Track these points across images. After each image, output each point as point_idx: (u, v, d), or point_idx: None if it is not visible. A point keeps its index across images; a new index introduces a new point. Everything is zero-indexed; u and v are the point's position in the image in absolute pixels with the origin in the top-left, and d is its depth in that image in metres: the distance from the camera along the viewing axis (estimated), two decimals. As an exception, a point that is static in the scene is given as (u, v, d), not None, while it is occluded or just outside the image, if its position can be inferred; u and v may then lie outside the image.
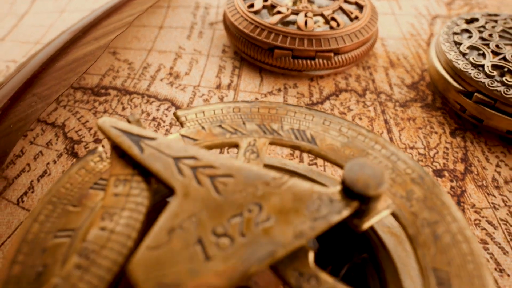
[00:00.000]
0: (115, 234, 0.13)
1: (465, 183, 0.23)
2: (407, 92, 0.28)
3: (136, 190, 0.15)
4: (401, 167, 0.16)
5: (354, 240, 0.17)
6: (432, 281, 0.13)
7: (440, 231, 0.14)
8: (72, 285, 0.12)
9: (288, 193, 0.14)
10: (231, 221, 0.13)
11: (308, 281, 0.13)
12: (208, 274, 0.12)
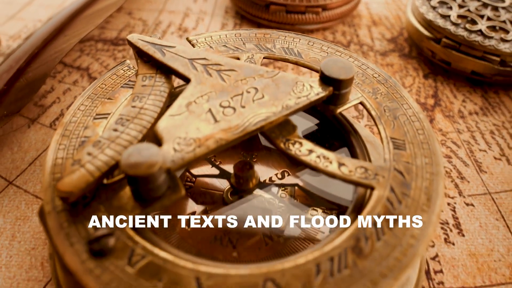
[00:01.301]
0: (143, 110, 0.17)
1: (434, 113, 0.27)
2: (387, 45, 0.33)
3: (159, 83, 0.19)
4: (370, 73, 0.20)
5: (330, 130, 0.21)
6: (391, 146, 0.17)
7: (398, 114, 0.18)
8: (112, 141, 0.16)
9: (279, 80, 0.18)
10: (234, 98, 0.17)
11: (293, 145, 0.17)
12: (216, 131, 0.16)
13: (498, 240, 0.22)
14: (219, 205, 0.20)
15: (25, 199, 0.22)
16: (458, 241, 0.22)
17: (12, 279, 0.20)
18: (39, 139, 0.25)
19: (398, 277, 0.14)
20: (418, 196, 0.16)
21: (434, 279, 0.20)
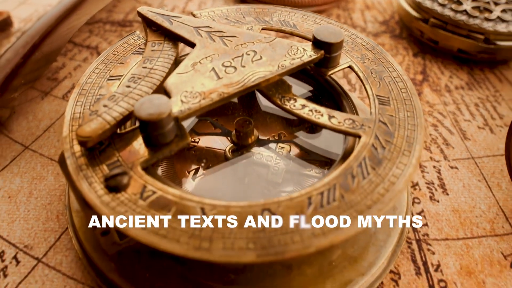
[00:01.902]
0: (153, 70, 0.19)
1: (422, 87, 0.29)
2: (379, 27, 0.35)
3: (167, 48, 0.20)
4: (359, 41, 0.22)
5: (323, 95, 0.23)
6: (376, 102, 0.19)
7: (384, 76, 0.20)
8: (125, 95, 0.18)
9: (275, 44, 0.20)
10: (235, 59, 0.19)
11: (289, 101, 0.19)
12: (219, 86, 0.18)
13: (480, 198, 0.24)
14: (221, 162, 0.22)
15: (41, 162, 0.24)
16: (442, 199, 0.23)
17: (30, 230, 0.21)
18: (53, 109, 0.27)
19: (381, 208, 0.16)
20: (400, 143, 0.18)
21: (419, 231, 0.22)
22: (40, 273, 0.20)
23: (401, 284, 0.20)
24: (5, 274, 0.20)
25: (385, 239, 0.20)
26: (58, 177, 0.24)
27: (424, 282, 0.21)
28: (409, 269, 0.21)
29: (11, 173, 0.24)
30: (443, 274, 0.21)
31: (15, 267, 0.20)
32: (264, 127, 0.23)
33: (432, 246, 0.22)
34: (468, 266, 0.21)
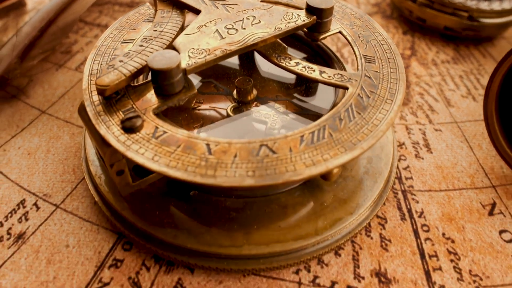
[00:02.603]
0: (163, 32, 0.22)
1: (410, 61, 0.32)
2: (371, 8, 0.37)
3: (175, 14, 0.23)
4: (348, 11, 0.25)
5: (314, 57, 0.25)
6: (363, 61, 0.21)
7: (370, 39, 0.23)
8: (139, 52, 0.20)
9: (272, 11, 0.22)
10: (236, 23, 0.22)
11: (284, 59, 0.21)
12: (222, 44, 0.21)
13: (461, 156, 0.26)
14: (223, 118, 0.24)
15: (57, 124, 0.27)
16: (426, 157, 0.26)
17: (48, 181, 0.24)
18: (67, 79, 0.29)
19: (365, 146, 0.18)
20: (384, 93, 0.20)
21: (405, 183, 0.24)
22: (59, 217, 0.22)
23: (388, 227, 0.23)
24: (26, 218, 0.22)
25: (372, 185, 0.22)
26: (73, 137, 0.26)
27: (408, 226, 0.23)
28: (395, 215, 0.23)
29: (30, 134, 0.26)
30: (426, 220, 0.23)
31: (36, 212, 0.22)
32: (262, 89, 0.26)
33: (416, 196, 0.24)
34: (449, 213, 0.23)
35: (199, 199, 0.21)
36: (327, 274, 0.21)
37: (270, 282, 0.20)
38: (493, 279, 0.21)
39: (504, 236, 0.23)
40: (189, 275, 0.20)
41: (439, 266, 0.21)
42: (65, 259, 0.21)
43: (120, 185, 0.21)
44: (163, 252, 0.20)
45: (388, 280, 0.21)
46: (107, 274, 0.20)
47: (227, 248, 0.20)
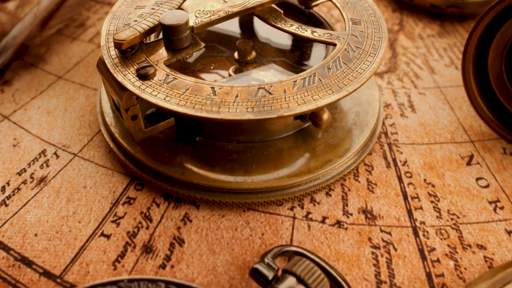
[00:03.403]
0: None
1: (398, 35, 0.35)
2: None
3: None
4: None
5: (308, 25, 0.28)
6: (350, 23, 0.24)
7: (357, 5, 0.26)
8: (151, 14, 0.23)
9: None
10: None
11: (280, 21, 0.24)
12: (225, 7, 0.24)
13: (443, 116, 0.29)
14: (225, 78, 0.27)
15: (73, 87, 0.30)
16: (411, 116, 0.29)
17: (66, 134, 0.26)
18: (81, 50, 0.32)
19: (350, 89, 0.21)
20: (368, 48, 0.23)
21: (390, 137, 0.27)
22: (77, 163, 0.25)
23: (374, 173, 0.25)
24: (47, 165, 0.25)
25: (359, 134, 0.25)
26: (89, 97, 0.29)
27: (393, 173, 0.25)
28: (381, 163, 0.26)
29: (48, 95, 0.29)
30: (409, 168, 0.26)
31: (56, 160, 0.25)
32: (261, 52, 0.29)
33: (400, 148, 0.27)
34: (431, 163, 0.26)
35: (204, 144, 0.24)
36: (319, 211, 0.23)
37: (267, 217, 0.23)
38: (469, 217, 0.24)
39: (480, 182, 0.25)
40: (195, 210, 0.23)
41: (420, 206, 0.24)
42: (83, 198, 0.24)
43: (134, 130, 0.24)
44: (172, 188, 0.23)
45: (374, 217, 0.24)
46: (121, 210, 0.23)
47: (229, 183, 0.22)
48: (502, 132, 0.28)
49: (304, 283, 0.18)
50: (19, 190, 0.24)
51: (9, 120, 0.28)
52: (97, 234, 0.22)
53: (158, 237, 0.22)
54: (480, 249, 0.23)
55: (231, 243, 0.22)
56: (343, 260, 0.22)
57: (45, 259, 0.21)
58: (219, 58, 0.27)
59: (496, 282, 0.20)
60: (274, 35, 0.29)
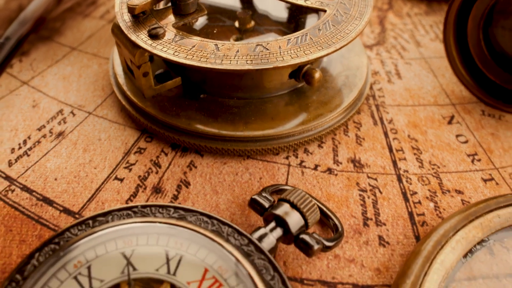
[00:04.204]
0: None
1: (387, 13, 0.38)
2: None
3: None
4: None
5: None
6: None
7: None
8: None
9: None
10: None
11: None
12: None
13: (427, 83, 0.31)
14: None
15: (86, 57, 0.32)
16: (397, 82, 0.31)
17: (81, 96, 0.29)
18: (93, 25, 0.36)
19: (337, 46, 0.23)
20: (355, 13, 0.26)
21: (377, 100, 0.30)
22: (92, 120, 0.28)
23: (362, 129, 0.28)
24: (64, 121, 0.28)
25: (348, 93, 0.28)
26: (101, 66, 0.32)
27: (379, 129, 0.28)
28: (369, 121, 0.29)
29: (63, 64, 0.32)
30: (395, 125, 0.28)
31: (72, 117, 0.28)
32: (259, 23, 0.31)
33: (387, 109, 0.29)
34: (414, 121, 0.29)
35: (208, 100, 0.27)
36: (312, 160, 0.26)
37: (265, 164, 0.26)
38: (449, 167, 0.27)
39: (460, 138, 0.28)
40: (199, 158, 0.26)
41: (404, 157, 0.27)
42: (98, 148, 0.26)
43: (145, 87, 0.26)
44: (179, 138, 0.26)
45: (361, 165, 0.26)
46: (133, 158, 0.26)
47: (231, 132, 0.25)
48: (481, 96, 0.31)
49: (297, 208, 0.21)
50: (39, 143, 0.27)
51: (28, 85, 0.31)
52: (111, 178, 0.25)
53: (166, 180, 0.25)
54: (458, 193, 0.25)
55: (232, 185, 0.25)
56: (333, 201, 0.24)
57: (64, 199, 0.24)
58: (221, 28, 0.30)
59: (469, 214, 0.23)
60: (272, 7, 0.32)
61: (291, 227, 0.21)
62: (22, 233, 0.23)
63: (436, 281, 0.21)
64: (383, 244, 0.23)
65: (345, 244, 0.23)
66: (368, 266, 0.22)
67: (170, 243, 0.20)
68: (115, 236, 0.20)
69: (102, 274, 0.19)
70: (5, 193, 0.24)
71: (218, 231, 0.20)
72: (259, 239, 0.20)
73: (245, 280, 0.18)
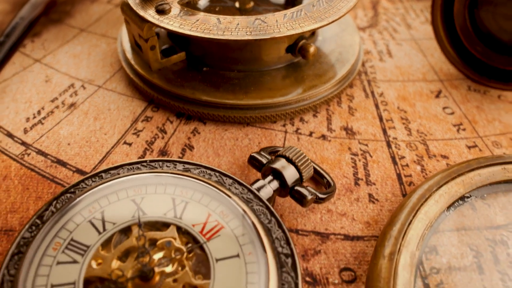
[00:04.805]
0: None
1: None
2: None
3: None
4: None
5: None
6: None
7: None
8: None
9: None
10: None
11: None
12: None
13: (416, 61, 0.34)
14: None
15: (95, 37, 0.35)
16: (388, 60, 0.34)
17: (91, 72, 0.31)
18: (101, 9, 0.38)
19: (330, 19, 0.26)
20: None
21: (369, 75, 0.32)
22: (101, 92, 0.30)
23: (354, 102, 0.30)
24: (76, 94, 0.30)
25: (341, 67, 0.30)
26: (109, 45, 0.34)
27: (371, 101, 0.30)
28: (361, 95, 0.31)
29: (73, 43, 0.34)
30: (385, 98, 0.30)
31: (83, 90, 0.30)
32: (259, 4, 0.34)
33: (378, 84, 0.32)
34: (404, 95, 0.31)
35: (210, 73, 0.29)
36: (307, 127, 0.28)
37: (263, 131, 0.28)
38: (435, 135, 0.29)
39: (446, 110, 0.30)
40: (202, 125, 0.28)
41: (394, 126, 0.29)
42: (108, 117, 0.28)
43: (152, 60, 0.28)
44: (183, 106, 0.28)
45: (353, 133, 0.28)
46: (141, 125, 0.28)
47: (232, 100, 0.27)
48: (467, 73, 0.33)
49: (293, 163, 0.23)
50: (53, 113, 0.29)
51: (40, 63, 0.33)
52: (120, 143, 0.27)
53: (172, 144, 0.27)
54: (443, 158, 0.27)
55: (233, 149, 0.27)
56: (326, 163, 0.26)
57: (77, 161, 0.26)
58: (223, 8, 0.32)
59: (452, 172, 0.25)
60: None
61: (287, 179, 0.23)
62: (38, 191, 0.25)
63: (420, 228, 0.23)
64: (372, 201, 0.25)
65: (337, 200, 0.25)
66: (358, 219, 0.24)
67: (177, 192, 0.22)
68: (126, 186, 0.22)
69: (114, 217, 0.21)
70: (21, 157, 0.26)
71: (220, 182, 0.22)
72: (257, 189, 0.22)
73: (244, 223, 0.20)
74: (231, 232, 0.20)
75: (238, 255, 0.20)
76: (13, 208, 0.24)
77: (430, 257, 0.23)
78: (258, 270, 0.19)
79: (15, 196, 0.24)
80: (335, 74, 0.30)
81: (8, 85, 0.31)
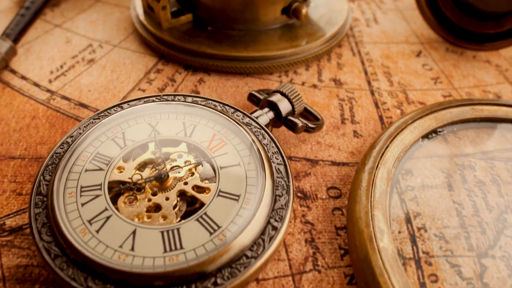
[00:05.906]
0: None
1: (369, -23, 0.44)
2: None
3: None
4: None
5: None
6: None
7: None
8: None
9: None
10: None
11: None
12: None
13: (400, 27, 0.38)
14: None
15: (109, 6, 0.40)
16: (374, 26, 0.38)
17: (107, 35, 0.36)
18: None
19: None
20: None
21: (356, 38, 0.36)
22: (117, 50, 0.34)
23: (343, 59, 0.34)
24: (94, 52, 0.34)
25: (331, 28, 0.34)
26: (123, 13, 0.39)
27: (357, 58, 0.34)
28: (348, 53, 0.35)
29: (90, 12, 0.39)
30: (370, 56, 0.35)
31: (100, 49, 0.34)
32: None
33: (364, 45, 0.36)
34: (388, 54, 0.35)
35: (214, 32, 0.33)
36: (300, 78, 0.32)
37: (261, 81, 0.32)
38: (414, 86, 0.33)
39: (425, 67, 0.34)
40: (207, 76, 0.32)
41: (377, 79, 0.33)
42: (123, 69, 0.32)
43: (163, 19, 0.33)
44: (191, 58, 0.32)
45: (341, 83, 0.32)
46: (153, 76, 0.32)
47: (233, 53, 0.31)
48: (446, 36, 0.37)
49: (287, 97, 0.27)
50: (74, 67, 0.33)
51: (61, 28, 0.37)
52: (135, 89, 0.31)
53: (181, 90, 0.31)
54: (421, 104, 0.31)
55: (234, 94, 0.31)
56: (316, 106, 0.30)
57: (97, 104, 0.30)
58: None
59: (425, 109, 0.29)
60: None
61: (281, 110, 0.26)
62: (64, 127, 0.29)
63: (396, 152, 0.26)
64: (357, 136, 0.29)
65: (326, 135, 0.29)
66: (344, 150, 0.28)
67: (186, 118, 0.26)
68: (143, 114, 0.26)
69: (133, 136, 0.25)
70: (47, 101, 0.30)
71: (223, 111, 0.26)
72: (256, 117, 0.26)
73: (245, 140, 0.24)
74: (233, 147, 0.24)
75: (239, 164, 0.23)
76: (42, 141, 0.28)
77: (406, 177, 0.27)
78: (256, 175, 0.23)
79: (43, 132, 0.28)
80: (325, 33, 0.34)
81: (31, 46, 0.35)
